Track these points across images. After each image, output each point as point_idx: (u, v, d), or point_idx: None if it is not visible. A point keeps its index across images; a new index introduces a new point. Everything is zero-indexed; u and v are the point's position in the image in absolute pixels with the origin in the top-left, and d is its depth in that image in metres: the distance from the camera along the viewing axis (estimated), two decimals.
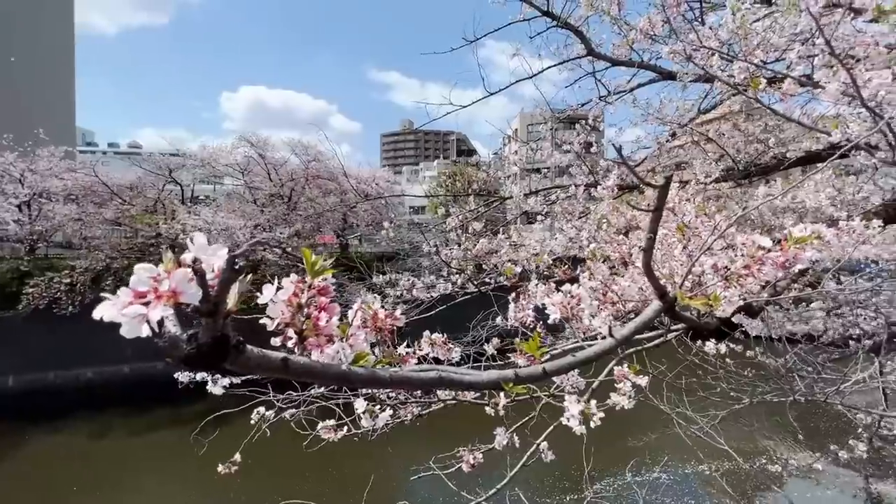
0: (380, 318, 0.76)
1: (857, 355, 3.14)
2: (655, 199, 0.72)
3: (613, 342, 0.87)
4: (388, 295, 3.91)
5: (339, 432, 1.85)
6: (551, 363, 0.75)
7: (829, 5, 2.27)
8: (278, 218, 18.00)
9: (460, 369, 0.71)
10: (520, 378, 0.70)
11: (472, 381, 0.65)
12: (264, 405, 2.48)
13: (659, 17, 3.13)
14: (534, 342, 0.84)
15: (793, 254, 0.98)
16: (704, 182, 3.58)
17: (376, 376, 0.57)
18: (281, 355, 0.42)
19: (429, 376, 0.62)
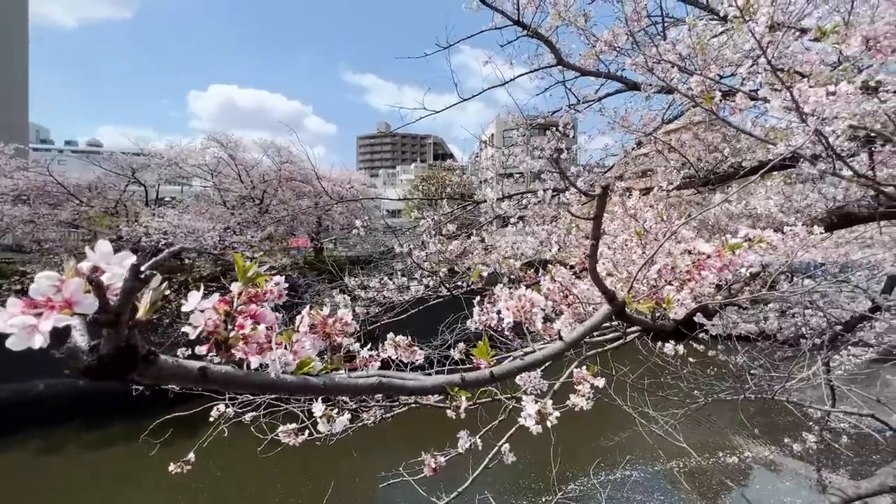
0: (328, 323, 0.75)
1: (806, 353, 3.33)
2: (595, 207, 0.75)
3: (563, 345, 0.89)
4: (360, 298, 3.87)
5: (300, 437, 1.81)
6: (499, 367, 0.77)
7: (772, 26, 2.42)
8: (249, 221, 17.52)
9: (405, 374, 0.71)
10: (467, 382, 0.70)
11: (416, 387, 0.65)
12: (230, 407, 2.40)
13: (622, 31, 3.26)
14: (483, 347, 0.85)
15: (728, 259, 1.03)
16: (667, 189, 3.72)
17: (309, 384, 0.56)
18: (199, 364, 0.41)
19: (368, 382, 0.61)
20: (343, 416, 1.05)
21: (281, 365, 0.67)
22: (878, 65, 2.80)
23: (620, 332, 2.01)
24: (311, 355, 0.70)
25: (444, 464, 1.58)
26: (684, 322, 4.04)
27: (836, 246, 4.59)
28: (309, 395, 0.82)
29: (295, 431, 1.89)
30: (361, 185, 25.14)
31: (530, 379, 1.73)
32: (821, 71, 3.41)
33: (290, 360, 0.66)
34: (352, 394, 1.02)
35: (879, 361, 5.49)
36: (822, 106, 1.83)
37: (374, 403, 1.56)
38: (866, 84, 2.71)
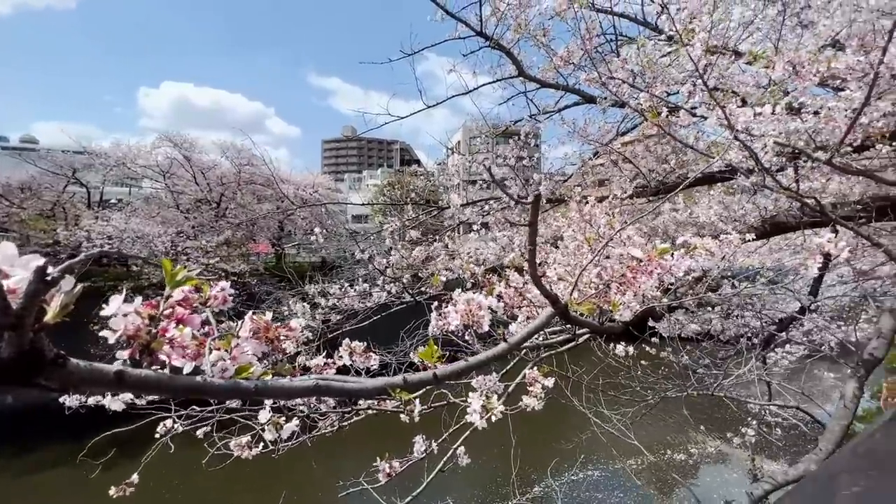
0: (271, 328, 0.74)
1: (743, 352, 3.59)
2: (530, 215, 0.79)
3: (507, 346, 0.92)
4: (320, 305, 3.78)
5: (254, 449, 1.75)
6: (443, 368, 0.78)
7: (712, 49, 2.62)
8: (205, 225, 16.71)
9: (346, 378, 0.71)
10: (409, 384, 0.71)
11: (357, 389, 0.65)
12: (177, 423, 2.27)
13: (577, 47, 3.43)
14: (429, 349, 0.87)
15: (657, 263, 1.11)
16: (620, 198, 3.92)
17: (239, 387, 0.55)
18: (115, 368, 0.39)
19: (304, 385, 0.61)
20: (291, 423, 1.03)
21: (218, 370, 0.65)
22: (801, 88, 3.09)
23: (570, 334, 2.10)
24: (251, 361, 0.69)
25: (399, 469, 1.57)
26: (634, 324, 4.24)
27: (771, 252, 4.99)
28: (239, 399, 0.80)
29: (249, 444, 1.82)
30: (326, 190, 24.65)
31: (486, 382, 1.77)
32: (752, 92, 3.72)
33: (228, 365, 0.65)
34: (286, 397, 1.01)
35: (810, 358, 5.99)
36: (750, 124, 2.01)
37: (329, 410, 1.53)
38: (790, 105, 3.00)
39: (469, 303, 1.05)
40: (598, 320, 1.67)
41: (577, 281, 1.09)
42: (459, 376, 0.82)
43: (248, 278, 17.00)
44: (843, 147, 2.83)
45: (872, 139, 2.59)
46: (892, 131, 2.99)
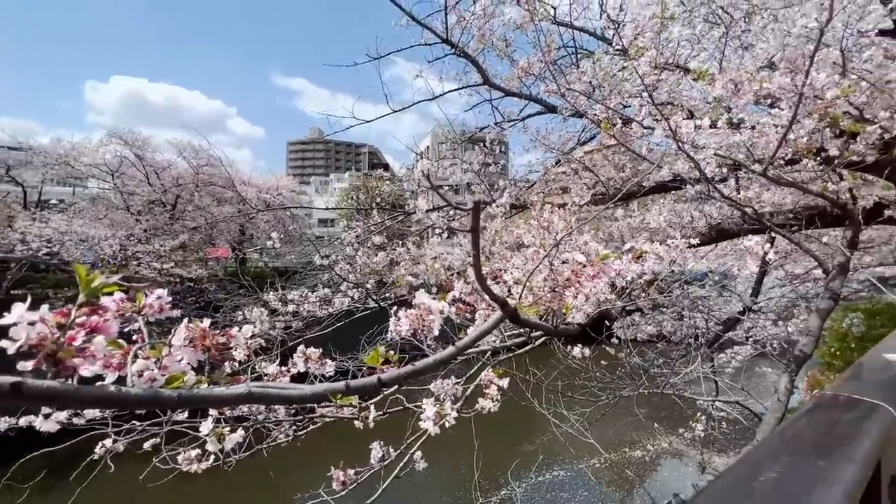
0: (208, 336, 0.72)
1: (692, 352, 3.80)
2: (471, 221, 0.81)
3: (454, 349, 0.93)
4: (280, 312, 3.67)
5: (204, 462, 1.66)
6: (388, 373, 0.78)
7: (657, 66, 2.78)
8: (159, 228, 15.82)
9: (285, 385, 0.70)
10: (352, 389, 0.71)
11: (293, 395, 0.64)
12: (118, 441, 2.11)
13: (537, 59, 3.54)
14: (375, 354, 0.86)
15: (599, 268, 1.17)
16: (579, 205, 4.07)
17: (159, 397, 0.53)
18: (11, 379, 0.37)
19: (235, 393, 0.60)
20: (236, 433, 0.99)
21: (145, 380, 0.62)
22: (741, 105, 3.33)
23: (526, 336, 2.15)
24: (183, 370, 0.66)
25: (354, 477, 1.55)
26: (591, 326, 4.39)
27: (717, 257, 5.32)
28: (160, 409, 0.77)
29: (198, 457, 1.73)
30: (290, 192, 24.02)
31: (444, 385, 1.78)
32: (700, 107, 3.96)
33: (156, 375, 0.62)
34: (216, 406, 0.97)
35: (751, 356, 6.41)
36: (694, 137, 2.15)
37: (283, 419, 1.49)
38: (730, 120, 3.23)
39: (419, 307, 1.05)
40: (551, 323, 1.72)
41: (526, 285, 1.12)
42: (406, 380, 0.83)
43: (206, 284, 16.24)
44: (776, 160, 3.08)
45: (800, 154, 2.84)
46: (817, 147, 3.28)
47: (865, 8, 2.91)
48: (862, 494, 1.14)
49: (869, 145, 3.09)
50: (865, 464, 0.93)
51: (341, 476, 1.52)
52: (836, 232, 4.01)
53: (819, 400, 1.29)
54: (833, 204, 2.93)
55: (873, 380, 1.49)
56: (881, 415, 1.13)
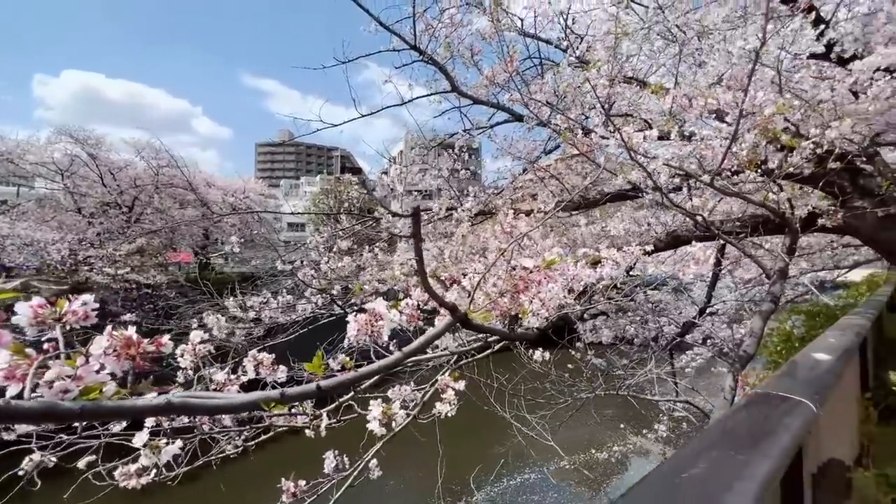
0: (134, 344, 0.69)
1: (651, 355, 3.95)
2: (412, 227, 0.83)
3: (401, 355, 0.94)
4: (240, 319, 3.54)
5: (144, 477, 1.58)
6: (328, 380, 0.78)
7: (613, 79, 2.90)
8: (114, 231, 14.97)
9: (211, 393, 0.68)
10: (288, 397, 0.70)
11: (221, 405, 0.62)
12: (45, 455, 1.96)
13: (501, 69, 3.63)
14: (316, 361, 0.85)
15: (545, 273, 1.20)
16: (544, 212, 4.17)
17: (55, 410, 0.51)
18: None
19: (151, 404, 0.57)
20: (173, 445, 0.95)
21: (55, 392, 0.59)
22: (692, 118, 3.52)
23: (483, 341, 2.19)
24: (102, 380, 0.63)
25: (304, 488, 1.51)
26: (555, 330, 4.50)
27: (675, 262, 5.57)
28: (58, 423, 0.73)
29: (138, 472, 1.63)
30: (258, 196, 23.36)
31: (401, 391, 1.77)
32: (657, 119, 4.16)
33: (70, 385, 0.59)
34: (129, 417, 0.93)
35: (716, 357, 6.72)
36: (643, 146, 2.26)
37: (228, 428, 1.43)
38: (682, 132, 3.41)
39: (370, 312, 1.05)
40: (508, 328, 1.75)
41: (480, 289, 1.14)
42: (346, 387, 0.82)
43: (166, 290, 15.47)
44: (722, 172, 3.27)
45: (743, 166, 3.03)
46: (760, 160, 3.52)
47: (798, 33, 3.15)
48: (784, 487, 1.23)
49: (804, 159, 3.34)
50: (782, 458, 1.00)
51: (291, 488, 1.48)
52: (778, 239, 4.29)
53: (750, 398, 1.38)
54: (773, 213, 3.14)
55: (800, 378, 1.61)
56: (802, 410, 1.22)
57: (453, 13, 4.33)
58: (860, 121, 3.86)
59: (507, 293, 1.21)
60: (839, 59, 3.27)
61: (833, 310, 5.69)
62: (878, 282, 9.42)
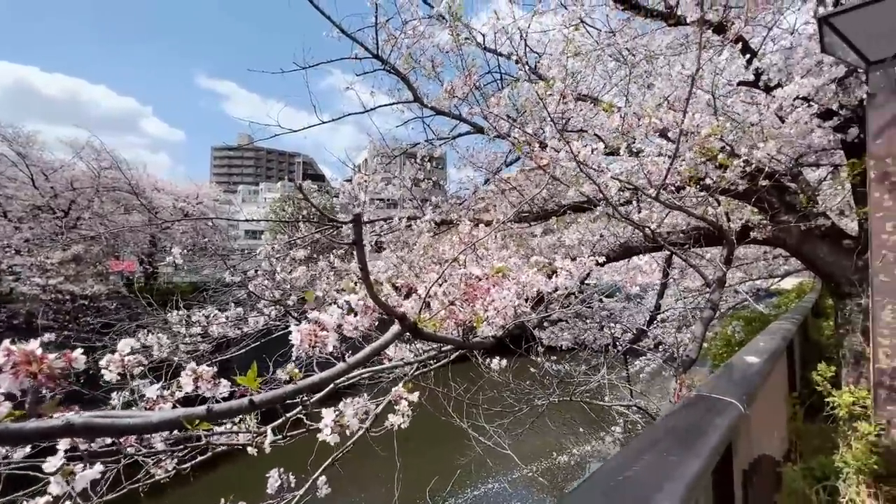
0: (34, 361, 0.62)
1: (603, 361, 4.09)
2: (353, 234, 0.82)
3: (345, 366, 0.91)
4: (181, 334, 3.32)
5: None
6: (262, 395, 0.74)
7: (564, 96, 3.03)
8: (45, 237, 13.73)
9: (125, 412, 0.63)
10: (216, 413, 0.66)
11: (135, 424, 0.58)
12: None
13: (461, 82, 3.70)
14: (251, 374, 0.81)
15: (494, 281, 1.23)
16: (503, 222, 4.25)
17: None
18: None
19: (47, 426, 0.52)
20: (92, 469, 0.86)
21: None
22: (640, 136, 3.72)
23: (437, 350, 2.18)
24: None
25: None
26: (513, 338, 4.57)
27: (628, 270, 5.85)
28: None
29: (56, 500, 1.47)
30: (213, 201, 22.31)
31: (354, 403, 1.72)
32: (609, 136, 4.37)
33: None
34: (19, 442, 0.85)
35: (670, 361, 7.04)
36: (591, 160, 2.37)
37: (165, 450, 1.32)
38: (630, 149, 3.61)
39: (315, 323, 1.02)
40: (463, 337, 1.75)
41: (428, 298, 1.14)
42: (283, 400, 0.79)
43: (105, 302, 14.32)
44: (667, 186, 3.49)
45: (684, 182, 3.25)
46: (700, 177, 3.79)
47: (730, 61, 3.45)
48: (716, 483, 1.30)
49: (738, 176, 3.63)
50: (712, 457, 1.07)
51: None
52: (717, 250, 4.61)
53: (687, 400, 1.46)
54: (711, 225, 3.38)
55: (731, 380, 1.72)
56: (732, 411, 1.30)
57: (416, 24, 4.38)
58: (786, 143, 4.26)
59: (458, 301, 1.22)
60: (766, 87, 3.60)
61: (766, 316, 6.17)
62: (805, 289, 10.34)
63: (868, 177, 2.47)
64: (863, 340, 3.91)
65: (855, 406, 3.05)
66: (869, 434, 2.54)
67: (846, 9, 2.57)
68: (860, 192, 3.70)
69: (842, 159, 4.70)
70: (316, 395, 1.44)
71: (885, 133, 2.41)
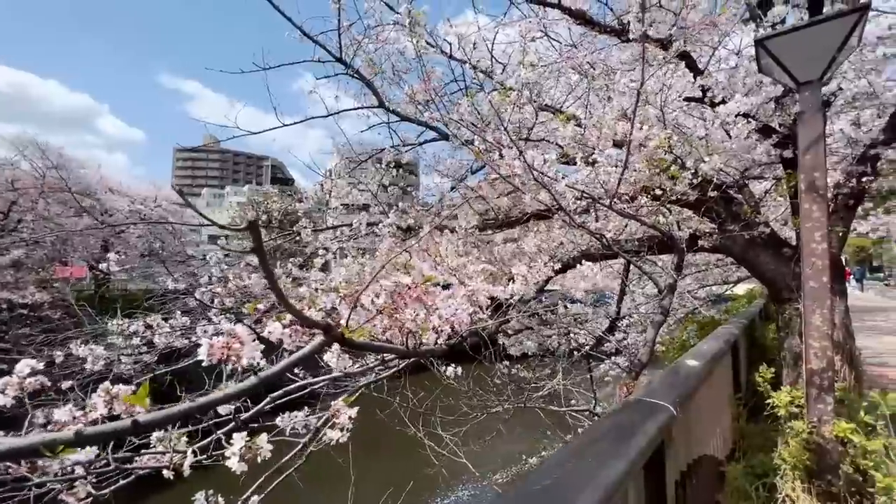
0: None
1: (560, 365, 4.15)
2: (252, 241, 0.78)
3: (256, 381, 0.87)
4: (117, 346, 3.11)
5: None
6: (148, 415, 0.68)
7: (519, 105, 3.09)
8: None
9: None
10: (86, 438, 0.60)
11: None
12: None
13: (421, 88, 3.71)
14: (143, 390, 0.75)
15: (424, 289, 1.21)
16: (466, 229, 4.27)
17: None
18: None
19: None
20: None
21: None
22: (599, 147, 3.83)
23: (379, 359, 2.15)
24: None
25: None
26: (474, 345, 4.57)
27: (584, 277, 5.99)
28: None
29: None
30: (173, 205, 21.34)
31: (293, 419, 1.66)
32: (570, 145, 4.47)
33: None
34: None
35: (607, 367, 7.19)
36: (544, 168, 2.41)
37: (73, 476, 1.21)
38: (586, 159, 3.72)
39: (229, 333, 0.96)
40: (406, 345, 1.72)
41: (354, 306, 1.10)
42: (175, 421, 0.73)
43: (48, 311, 13.33)
44: (621, 196, 3.61)
45: (637, 192, 3.38)
46: (655, 187, 3.94)
47: (675, 76, 3.62)
48: (649, 485, 1.33)
49: (687, 186, 3.80)
50: (637, 460, 1.09)
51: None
52: (669, 257, 4.81)
53: (624, 404, 1.49)
54: (662, 234, 3.51)
55: (668, 383, 1.78)
56: (663, 414, 1.34)
57: (379, 30, 4.36)
58: (732, 157, 4.51)
59: (387, 309, 1.19)
60: (711, 103, 3.81)
61: (718, 321, 6.48)
62: (755, 295, 10.96)
63: (799, 189, 2.63)
64: (800, 343, 4.16)
65: (792, 405, 3.23)
66: (802, 432, 2.68)
67: (779, 33, 2.76)
68: (795, 204, 3.95)
69: (783, 173, 5.04)
70: (247, 414, 1.37)
71: (813, 148, 2.58)
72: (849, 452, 2.54)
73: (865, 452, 2.53)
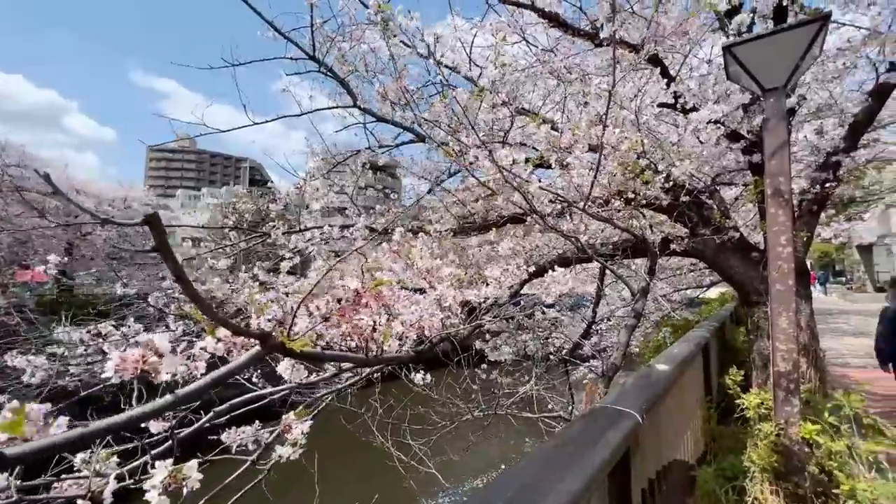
0: None
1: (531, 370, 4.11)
2: (153, 239, 0.69)
3: (172, 399, 0.77)
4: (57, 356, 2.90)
5: None
6: (17, 447, 0.58)
7: (494, 106, 3.05)
8: None
9: None
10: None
11: None
12: None
13: (393, 87, 3.64)
14: (21, 414, 0.65)
15: (375, 294, 1.13)
16: (439, 231, 4.20)
17: None
18: None
19: None
20: None
21: None
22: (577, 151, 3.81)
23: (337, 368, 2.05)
24: None
25: None
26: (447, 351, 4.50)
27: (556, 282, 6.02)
28: None
29: None
30: (144, 206, 20.59)
31: (242, 433, 1.54)
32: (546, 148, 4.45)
33: None
34: None
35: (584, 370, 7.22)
36: (515, 169, 2.36)
37: None
38: (560, 162, 3.71)
39: (146, 345, 0.86)
40: (366, 353, 1.63)
41: (295, 313, 1.02)
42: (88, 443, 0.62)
43: (4, 316, 12.57)
44: (594, 199, 3.61)
45: (611, 195, 3.38)
46: (630, 190, 3.97)
47: (649, 82, 3.66)
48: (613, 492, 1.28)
49: (660, 191, 3.83)
50: (602, 467, 1.03)
51: None
52: (643, 261, 4.86)
53: (589, 412, 1.44)
54: (635, 237, 3.52)
55: (636, 388, 1.74)
56: (628, 421, 1.29)
57: (353, 29, 4.27)
58: (703, 163, 4.59)
59: (334, 315, 1.11)
60: (683, 109, 3.86)
61: (691, 323, 6.59)
62: (727, 298, 11.24)
63: (766, 194, 2.67)
64: (769, 345, 4.24)
65: (761, 407, 3.27)
66: (770, 434, 2.70)
67: (746, 40, 2.80)
68: (762, 208, 4.04)
69: (752, 179, 5.17)
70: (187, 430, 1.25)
71: (778, 154, 2.62)
72: (815, 454, 2.57)
73: (830, 454, 2.56)
